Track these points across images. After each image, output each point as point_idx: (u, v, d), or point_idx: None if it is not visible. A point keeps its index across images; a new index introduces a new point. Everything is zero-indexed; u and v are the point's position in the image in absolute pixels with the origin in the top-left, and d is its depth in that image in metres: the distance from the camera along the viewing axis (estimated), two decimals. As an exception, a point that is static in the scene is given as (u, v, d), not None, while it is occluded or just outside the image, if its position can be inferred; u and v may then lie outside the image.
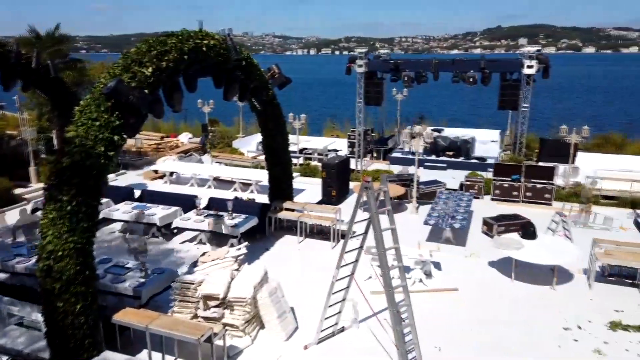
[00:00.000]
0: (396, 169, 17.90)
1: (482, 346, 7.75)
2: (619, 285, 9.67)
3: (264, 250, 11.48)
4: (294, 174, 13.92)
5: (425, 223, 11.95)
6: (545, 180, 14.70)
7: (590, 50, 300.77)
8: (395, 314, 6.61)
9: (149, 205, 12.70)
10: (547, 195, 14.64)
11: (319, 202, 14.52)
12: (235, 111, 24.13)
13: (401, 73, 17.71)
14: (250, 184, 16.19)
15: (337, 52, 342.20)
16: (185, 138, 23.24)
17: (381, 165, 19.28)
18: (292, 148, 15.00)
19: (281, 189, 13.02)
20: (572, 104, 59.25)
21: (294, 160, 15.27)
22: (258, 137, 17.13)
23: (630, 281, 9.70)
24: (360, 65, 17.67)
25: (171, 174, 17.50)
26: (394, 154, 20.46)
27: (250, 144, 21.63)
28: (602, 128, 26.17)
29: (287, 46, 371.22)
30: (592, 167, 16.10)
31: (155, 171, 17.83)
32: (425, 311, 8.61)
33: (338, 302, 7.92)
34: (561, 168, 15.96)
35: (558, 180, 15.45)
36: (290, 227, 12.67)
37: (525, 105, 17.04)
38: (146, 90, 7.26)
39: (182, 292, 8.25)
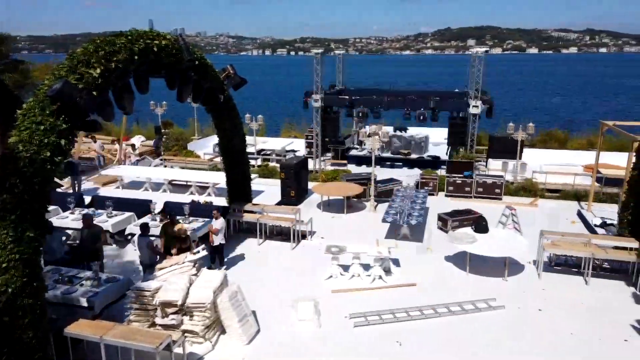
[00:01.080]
0: (354, 168, 18.13)
1: (441, 340, 7.98)
2: (566, 274, 10.22)
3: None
4: (252, 176, 13.80)
5: (384, 220, 12.15)
6: (495, 176, 15.36)
7: (533, 50, 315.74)
8: None
9: (100, 211, 12.22)
10: (497, 190, 15.28)
11: (278, 203, 14.46)
12: (189, 112, 23.62)
13: (355, 110, 18.65)
14: (207, 187, 15.90)
15: (292, 53, 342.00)
16: (137, 141, 22.50)
17: (339, 164, 19.44)
18: (249, 149, 14.84)
19: (239, 191, 12.86)
20: (519, 102, 62.02)
21: (252, 162, 15.14)
22: (214, 138, 16.85)
23: (576, 270, 10.28)
24: (317, 100, 18.29)
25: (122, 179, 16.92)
26: (351, 153, 20.71)
27: (207, 146, 21.25)
28: (546, 125, 27.52)
29: (241, 46, 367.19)
30: (537, 162, 16.97)
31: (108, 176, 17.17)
32: (385, 307, 8.77)
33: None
34: (510, 164, 16.67)
35: (507, 176, 16.14)
36: (249, 230, 12.55)
37: (475, 105, 17.64)
38: (94, 92, 6.98)
39: (139, 300, 7.99)
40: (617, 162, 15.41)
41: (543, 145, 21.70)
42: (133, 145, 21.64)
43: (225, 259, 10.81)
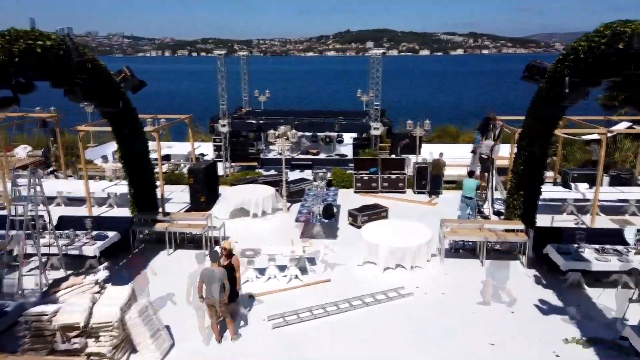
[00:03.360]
0: (264, 170, 18.09)
1: (358, 331, 8.25)
2: (465, 259, 11.11)
3: (130, 268, 10.64)
4: (158, 183, 13.17)
5: (297, 220, 12.29)
6: (398, 171, 16.25)
7: (426, 52, 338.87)
8: None
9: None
10: (400, 185, 16.19)
11: (188, 210, 13.96)
12: (83, 118, 21.84)
13: (264, 133, 19.29)
14: (107, 197, 14.85)
15: (194, 54, 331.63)
16: (23, 152, 20.30)
17: (249, 167, 19.26)
18: (153, 155, 14.14)
19: (144, 199, 12.21)
20: (415, 100, 66.17)
21: (156, 168, 14.45)
22: (113, 145, 15.78)
23: (472, 254, 11.23)
24: (224, 125, 18.21)
25: None
26: (261, 155, 20.62)
27: (105, 152, 19.82)
28: (440, 121, 29.69)
29: (138, 47, 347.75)
30: (436, 156, 18.18)
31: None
32: (303, 305, 8.88)
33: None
34: (412, 159, 17.70)
35: (409, 171, 17.12)
36: (158, 239, 11.96)
37: (377, 104, 18.49)
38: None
39: (34, 326, 7.24)
40: (503, 152, 17.06)
41: (439, 140, 23.39)
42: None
43: (133, 273, 10.18)
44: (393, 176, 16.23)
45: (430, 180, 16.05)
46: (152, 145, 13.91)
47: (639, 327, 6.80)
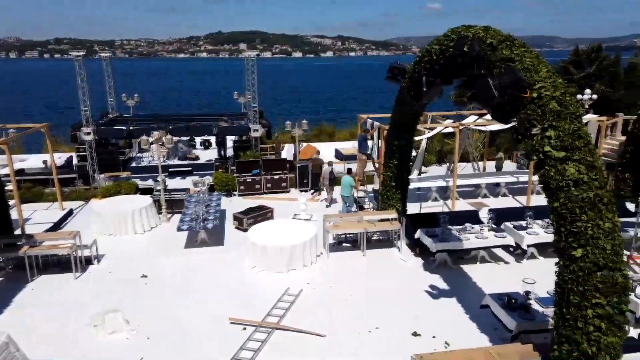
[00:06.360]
0: (138, 178, 16.97)
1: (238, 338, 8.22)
2: (348, 251, 11.69)
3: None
4: (10, 202, 11.59)
5: (179, 229, 11.77)
6: (281, 171, 16.48)
7: (298, 54, 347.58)
8: None
9: None
10: (284, 184, 16.44)
11: (52, 229, 12.54)
12: None
13: (135, 139, 18.41)
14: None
15: (46, 55, 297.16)
16: None
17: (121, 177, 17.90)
18: (3, 171, 12.39)
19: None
20: (292, 101, 67.54)
21: (9, 186, 12.71)
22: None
23: (354, 245, 11.88)
24: (88, 133, 16.58)
25: None
26: (134, 164, 19.34)
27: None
28: (317, 120, 30.80)
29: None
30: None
31: None
32: (192, 317, 8.58)
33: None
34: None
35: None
36: (18, 266, 10.54)
37: (254, 105, 18.50)
38: None
39: None
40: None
41: (317, 139, 24.24)
42: None
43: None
44: (276, 177, 16.42)
45: (312, 178, 16.57)
46: (1, 159, 12.19)
47: (496, 295, 7.84)
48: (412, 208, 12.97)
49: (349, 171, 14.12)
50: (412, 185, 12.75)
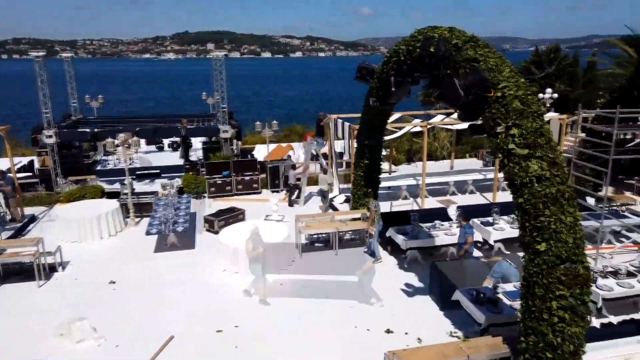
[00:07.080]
0: (104, 182, 16.52)
1: (209, 337, 8.14)
2: (320, 251, 11.71)
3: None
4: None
5: (148, 233, 11.54)
6: (251, 172, 16.36)
7: (267, 54, 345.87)
8: None
9: None
10: (255, 185, 16.32)
11: (13, 236, 12.06)
12: None
13: (100, 142, 18.23)
14: None
15: (4, 56, 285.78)
16: None
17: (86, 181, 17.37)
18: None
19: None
20: (261, 102, 67.22)
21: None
22: None
23: (326, 245, 11.90)
24: (50, 136, 15.83)
25: None
26: (99, 167, 18.83)
27: None
28: (287, 121, 30.72)
29: None
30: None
31: None
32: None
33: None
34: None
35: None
36: (-26, 276, 10.09)
37: (223, 106, 18.30)
38: None
39: None
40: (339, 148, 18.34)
41: (288, 139, 24.16)
42: None
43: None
44: (247, 178, 16.27)
45: (283, 179, 16.51)
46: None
47: (466, 290, 8.01)
48: (383, 207, 13.09)
49: (325, 171, 14.19)
50: (382, 184, 12.90)
